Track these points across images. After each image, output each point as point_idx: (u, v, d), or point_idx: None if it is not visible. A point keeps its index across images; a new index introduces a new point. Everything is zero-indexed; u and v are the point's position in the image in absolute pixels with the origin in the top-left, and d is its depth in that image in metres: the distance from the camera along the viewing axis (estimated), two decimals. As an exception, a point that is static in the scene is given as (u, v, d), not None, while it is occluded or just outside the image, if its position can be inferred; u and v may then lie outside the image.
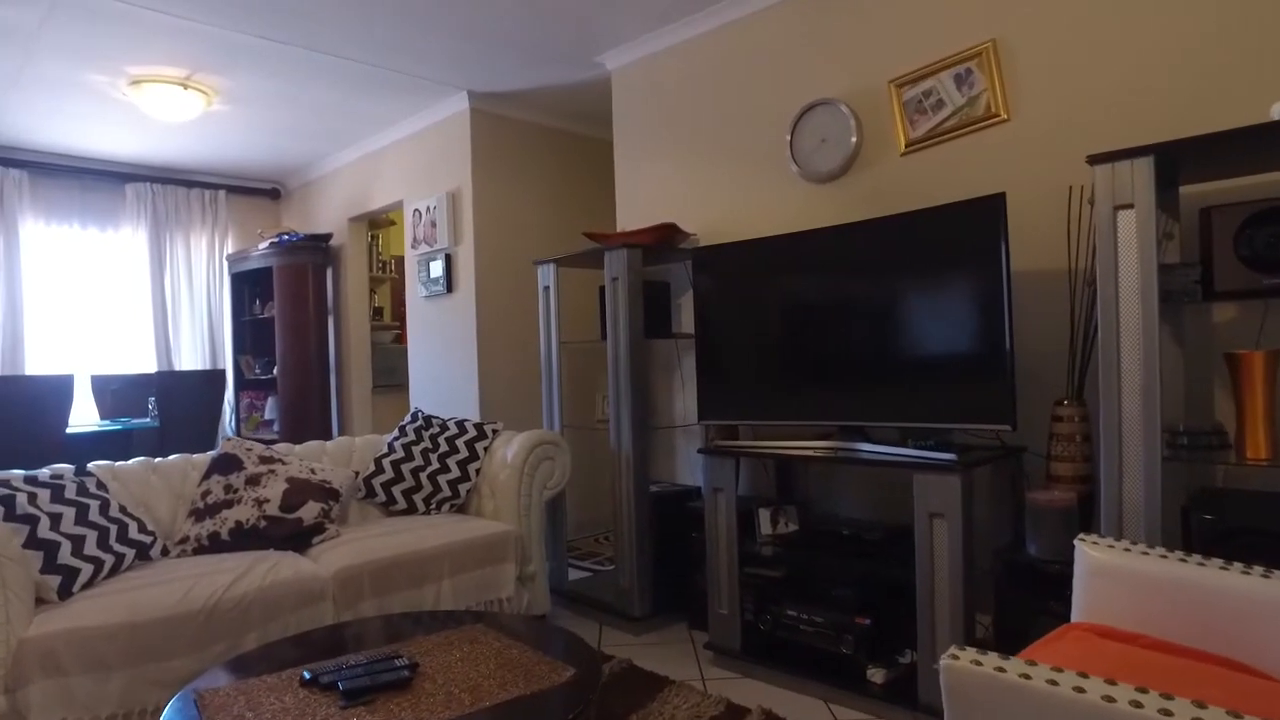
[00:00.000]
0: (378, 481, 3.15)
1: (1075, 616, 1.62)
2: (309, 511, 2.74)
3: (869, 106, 2.95)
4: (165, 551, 2.64)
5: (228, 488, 2.77)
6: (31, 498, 2.29)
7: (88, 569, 2.25)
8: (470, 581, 2.81)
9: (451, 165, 4.56)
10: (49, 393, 3.79)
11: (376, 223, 5.94)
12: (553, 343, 3.58)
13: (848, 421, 2.60)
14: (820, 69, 3.11)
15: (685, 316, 3.62)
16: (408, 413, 4.37)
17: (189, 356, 5.72)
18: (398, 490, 3.15)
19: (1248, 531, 1.81)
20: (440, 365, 4.73)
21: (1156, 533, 1.80)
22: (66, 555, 2.22)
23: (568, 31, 3.61)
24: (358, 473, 3.16)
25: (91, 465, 2.70)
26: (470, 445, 3.26)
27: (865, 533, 2.72)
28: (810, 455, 2.57)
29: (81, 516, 2.36)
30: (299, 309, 5.43)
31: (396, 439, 3.30)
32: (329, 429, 5.60)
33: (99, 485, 2.57)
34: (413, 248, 4.85)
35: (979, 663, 1.08)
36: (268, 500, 2.73)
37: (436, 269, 4.63)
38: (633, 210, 3.89)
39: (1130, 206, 1.83)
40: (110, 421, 4.64)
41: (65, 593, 2.17)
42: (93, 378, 4.88)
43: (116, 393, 4.81)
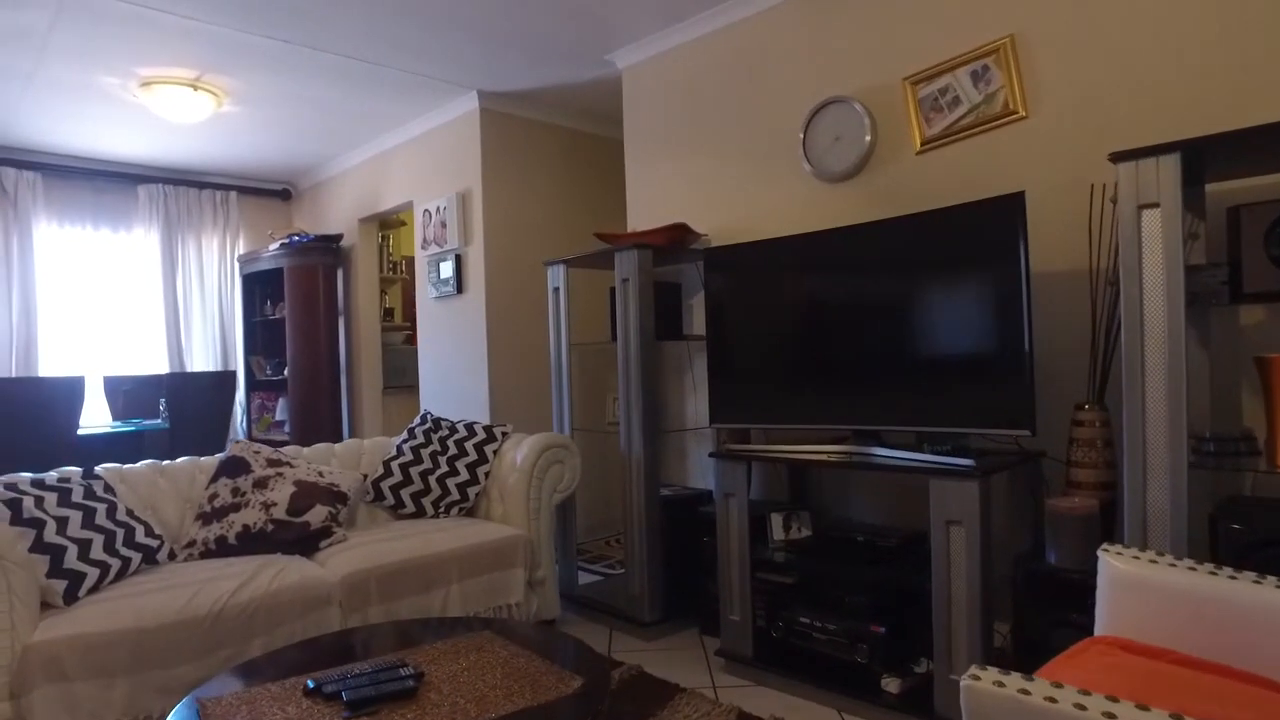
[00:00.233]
0: (386, 484, 3.13)
1: (1098, 629, 1.57)
2: (316, 515, 2.72)
3: (883, 104, 2.90)
4: (172, 555, 2.62)
5: (235, 491, 2.75)
6: (38, 501, 2.28)
7: (94, 573, 2.23)
8: (479, 586, 2.78)
9: (461, 165, 4.53)
10: (60, 394, 3.79)
11: (387, 223, 5.92)
12: (563, 344, 3.54)
13: (862, 425, 2.55)
14: (833, 66, 3.06)
15: (697, 318, 3.57)
16: (418, 414, 4.34)
17: (200, 357, 5.73)
18: (406, 493, 3.12)
19: (1277, 542, 1.74)
20: (450, 366, 4.71)
21: (1183, 542, 1.74)
22: (73, 560, 2.20)
23: (578, 29, 3.57)
24: (366, 475, 3.14)
25: (99, 468, 2.70)
26: (479, 448, 3.23)
27: (879, 539, 2.67)
28: (823, 460, 2.52)
29: (88, 520, 2.35)
30: (310, 310, 5.42)
31: (405, 441, 3.28)
32: (340, 430, 5.59)
33: (106, 488, 2.56)
34: (423, 248, 4.83)
35: (1001, 684, 1.03)
36: (275, 504, 2.71)
37: (446, 270, 4.61)
38: (643, 210, 3.85)
39: (1155, 205, 1.77)
40: (122, 423, 4.64)
41: (71, 598, 2.15)
42: (105, 379, 4.89)
43: (128, 393, 4.82)
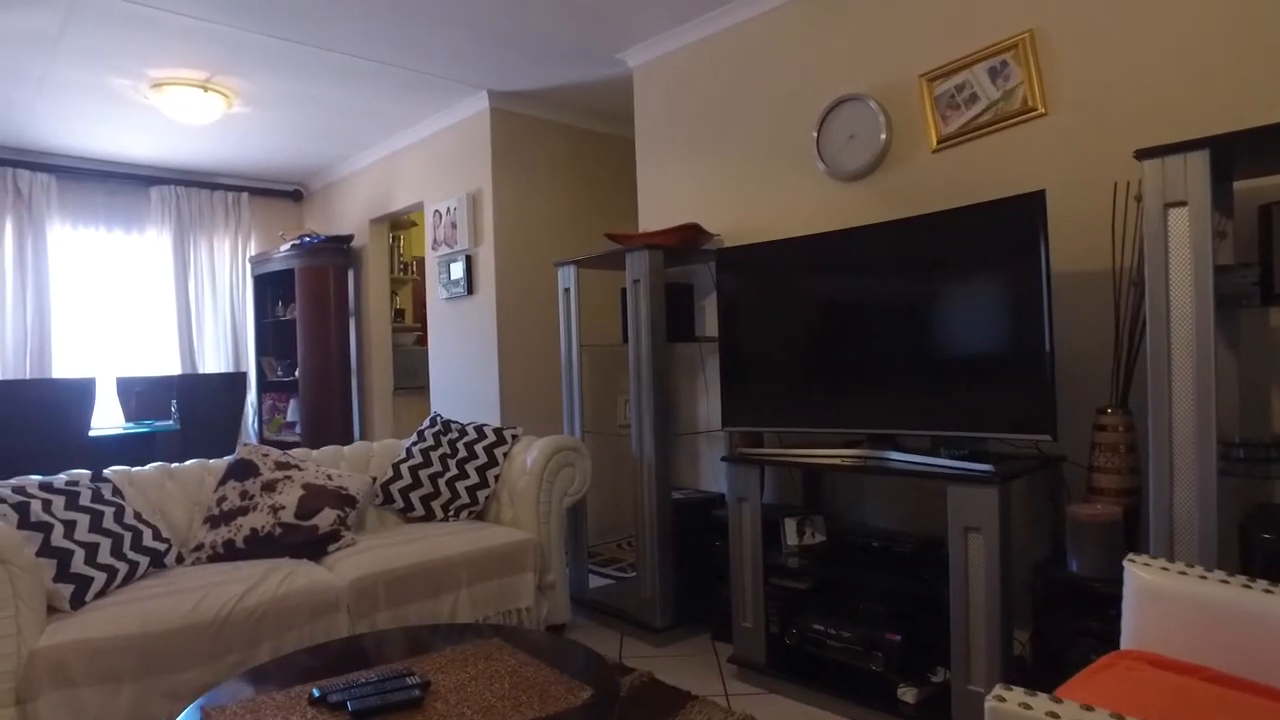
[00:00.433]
0: (395, 487, 3.11)
1: (1125, 643, 1.52)
2: (325, 519, 2.70)
3: (899, 102, 2.84)
4: (180, 559, 2.61)
5: (243, 494, 2.73)
6: (46, 505, 2.27)
7: (100, 578, 2.22)
8: (488, 591, 2.75)
9: (471, 166, 4.51)
10: (71, 396, 3.79)
11: (398, 224, 5.91)
12: (573, 346, 3.51)
13: (878, 429, 2.50)
14: (848, 63, 3.01)
15: (709, 319, 3.53)
16: (429, 415, 4.33)
17: (212, 358, 5.74)
18: (416, 496, 3.10)
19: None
20: (461, 368, 4.69)
21: (1212, 552, 1.69)
22: (79, 564, 2.19)
23: (589, 27, 3.53)
24: (375, 478, 3.12)
25: (108, 471, 2.68)
26: (489, 451, 3.20)
27: (895, 544, 2.62)
28: (838, 464, 2.47)
29: (96, 524, 2.33)
30: (321, 311, 5.41)
31: (415, 444, 3.25)
32: (350, 431, 5.58)
33: (115, 491, 2.55)
34: (433, 249, 4.82)
35: (1028, 705, 0.99)
36: (283, 507, 2.69)
37: (457, 270, 4.58)
38: (655, 210, 3.81)
39: (1183, 204, 1.72)
40: (134, 424, 4.65)
41: (78, 602, 2.14)
42: (118, 380, 4.90)
43: (141, 395, 4.83)
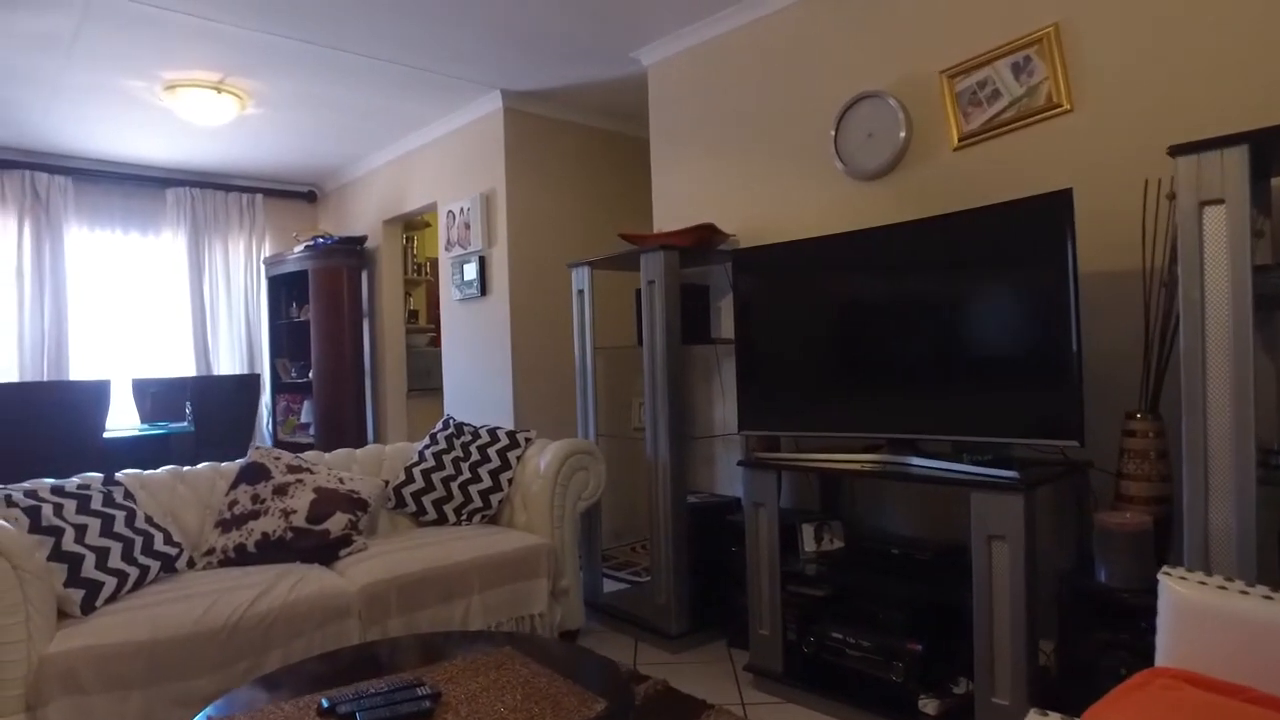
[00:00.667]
0: (408, 491, 3.08)
1: (1160, 659, 1.45)
2: (336, 523, 2.67)
3: (919, 99, 2.78)
4: (191, 563, 2.59)
5: (255, 498, 2.71)
6: (57, 508, 2.25)
7: (111, 583, 2.20)
8: (501, 597, 2.72)
9: (485, 166, 4.48)
10: (85, 398, 3.80)
11: (411, 225, 5.90)
12: (587, 348, 3.47)
13: (898, 434, 2.45)
14: (866, 60, 2.95)
15: (725, 321, 3.48)
16: (442, 417, 4.30)
17: (227, 360, 5.75)
18: (428, 500, 3.07)
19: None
20: (475, 369, 4.66)
21: (1250, 565, 1.62)
22: (90, 569, 2.17)
23: (603, 26, 3.50)
24: (387, 481, 3.09)
25: (120, 474, 2.67)
26: (503, 454, 3.17)
27: (915, 551, 2.56)
28: (857, 470, 2.42)
29: (107, 528, 2.32)
30: (334, 312, 5.41)
31: (427, 447, 3.22)
32: (364, 433, 5.57)
33: (126, 495, 2.53)
34: (446, 250, 4.79)
35: (1066, 731, 0.94)
36: (294, 511, 2.66)
37: (470, 272, 4.56)
38: (670, 210, 3.77)
39: (1219, 202, 1.65)
40: (149, 425, 4.66)
41: (88, 608, 2.12)
42: (133, 381, 4.91)
43: (155, 396, 4.83)
